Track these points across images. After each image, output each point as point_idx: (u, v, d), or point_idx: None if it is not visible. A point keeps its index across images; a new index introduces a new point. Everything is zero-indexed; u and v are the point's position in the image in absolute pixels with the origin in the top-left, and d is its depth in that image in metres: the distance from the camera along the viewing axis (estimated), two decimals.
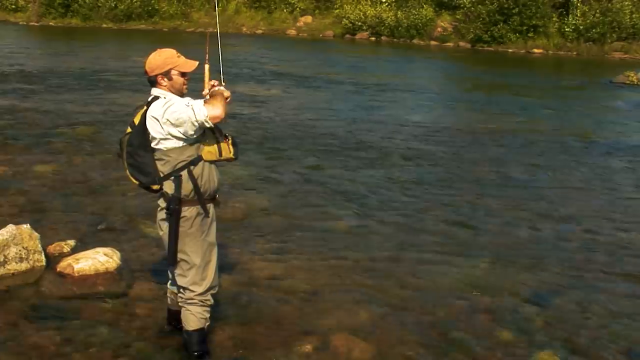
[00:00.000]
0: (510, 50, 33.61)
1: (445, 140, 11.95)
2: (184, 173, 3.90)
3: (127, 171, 4.01)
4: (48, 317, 4.78)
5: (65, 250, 5.89)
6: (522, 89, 19.54)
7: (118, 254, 5.75)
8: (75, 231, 6.47)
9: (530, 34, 34.24)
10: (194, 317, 4.17)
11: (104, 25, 40.54)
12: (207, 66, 4.15)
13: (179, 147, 3.88)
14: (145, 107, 3.93)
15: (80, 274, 5.44)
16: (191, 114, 3.78)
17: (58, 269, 5.51)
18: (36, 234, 5.67)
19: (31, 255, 5.52)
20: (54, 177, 8.36)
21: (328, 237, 6.76)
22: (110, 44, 30.21)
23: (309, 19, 40.81)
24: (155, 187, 3.98)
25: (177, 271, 4.12)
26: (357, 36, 37.77)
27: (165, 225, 4.02)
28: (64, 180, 8.25)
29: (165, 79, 3.95)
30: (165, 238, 4.05)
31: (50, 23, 41.30)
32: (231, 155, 4.04)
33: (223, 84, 4.12)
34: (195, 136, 3.89)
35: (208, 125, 3.84)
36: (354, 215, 7.51)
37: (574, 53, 33.04)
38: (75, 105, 13.66)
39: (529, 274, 6.03)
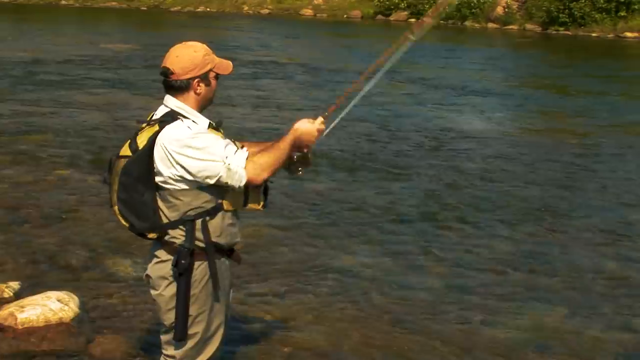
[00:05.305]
0: (594, 34, 33.58)
1: (510, 152, 11.98)
2: (198, 222, 3.79)
3: (116, 207, 3.80)
4: None
5: (6, 295, 5.90)
6: (611, 85, 19.49)
7: (76, 299, 5.75)
8: (20, 270, 6.51)
9: (622, 13, 34.20)
10: None
11: (64, 2, 41.12)
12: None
13: (193, 190, 3.76)
14: (156, 127, 3.72)
15: (26, 326, 5.42)
16: (223, 172, 3.67)
17: None
18: None
19: None
20: None
21: (349, 278, 6.77)
22: (71, 26, 30.63)
23: None
24: (152, 235, 3.83)
25: (169, 336, 3.99)
26: (392, 17, 37.97)
27: (164, 283, 3.89)
28: (6, 205, 8.33)
29: (202, 85, 3.79)
30: (163, 300, 3.91)
31: None
32: (259, 207, 3.94)
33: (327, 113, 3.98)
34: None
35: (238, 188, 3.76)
36: (383, 250, 7.52)
37: None
38: (23, 107, 13.87)
39: (615, 329, 5.99)
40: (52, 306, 5.58)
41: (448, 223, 8.39)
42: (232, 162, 3.65)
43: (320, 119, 3.92)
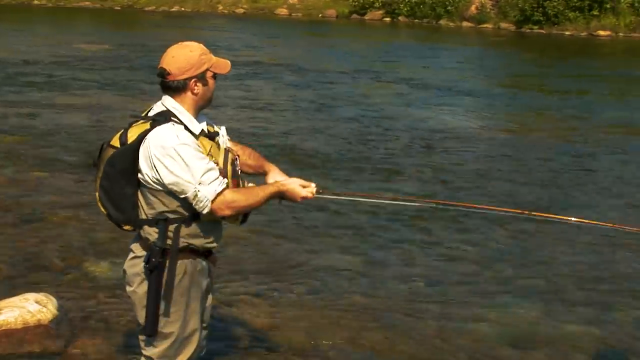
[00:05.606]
0: (567, 33, 33.78)
1: (496, 152, 12.08)
2: (171, 227, 3.79)
3: (97, 194, 3.83)
4: None
5: None
6: (585, 84, 19.64)
7: (54, 301, 5.71)
8: None
9: (595, 12, 34.43)
10: None
11: (36, 2, 40.83)
12: None
13: (170, 194, 3.75)
14: (148, 125, 3.73)
15: (3, 328, 5.39)
16: (191, 195, 3.67)
17: None
18: None
19: None
20: None
21: (328, 277, 6.78)
22: (45, 26, 30.41)
23: None
24: (127, 227, 3.89)
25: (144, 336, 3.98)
26: (367, 16, 38.05)
27: (138, 280, 3.90)
28: None
29: (199, 84, 3.79)
30: (136, 297, 3.92)
31: None
32: (237, 223, 3.98)
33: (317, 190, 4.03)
34: None
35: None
36: (360, 249, 7.53)
37: None
38: (0, 108, 13.73)
39: (594, 324, 6.02)
40: (30, 308, 5.53)
41: (434, 223, 8.37)
42: (201, 190, 3.65)
43: (313, 189, 3.99)
